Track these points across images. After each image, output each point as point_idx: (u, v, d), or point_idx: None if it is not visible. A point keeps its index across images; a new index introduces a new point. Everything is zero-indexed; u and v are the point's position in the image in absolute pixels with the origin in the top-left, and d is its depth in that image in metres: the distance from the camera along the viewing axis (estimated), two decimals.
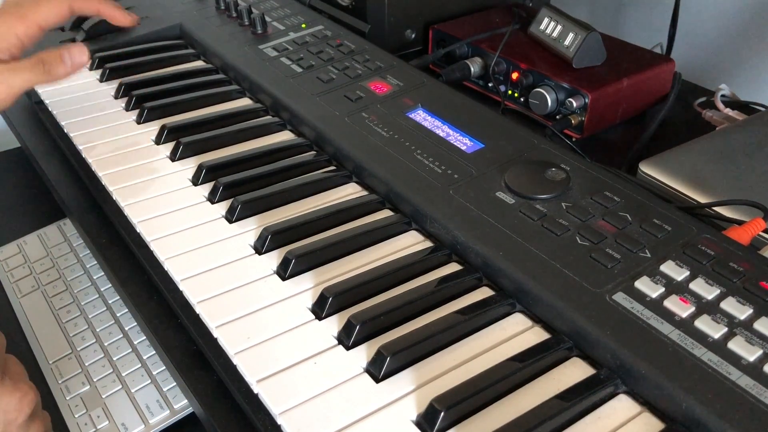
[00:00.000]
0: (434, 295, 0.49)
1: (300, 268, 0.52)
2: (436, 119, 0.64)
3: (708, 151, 0.67)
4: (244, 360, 0.45)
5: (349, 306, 0.49)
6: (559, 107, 0.75)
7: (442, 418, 0.39)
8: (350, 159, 0.62)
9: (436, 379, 0.43)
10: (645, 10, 1.08)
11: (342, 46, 0.79)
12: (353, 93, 0.69)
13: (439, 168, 0.58)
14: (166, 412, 0.61)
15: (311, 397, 0.42)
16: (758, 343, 0.41)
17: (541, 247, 0.49)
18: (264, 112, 0.74)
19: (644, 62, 0.79)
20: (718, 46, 1.00)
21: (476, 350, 0.45)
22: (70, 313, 0.72)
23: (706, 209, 0.59)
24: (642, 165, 0.65)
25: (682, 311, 0.43)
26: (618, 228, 0.50)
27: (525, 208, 0.53)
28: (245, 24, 0.86)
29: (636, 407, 0.42)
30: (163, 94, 0.75)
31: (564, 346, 0.45)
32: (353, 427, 0.40)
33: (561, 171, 0.55)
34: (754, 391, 0.39)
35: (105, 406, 0.62)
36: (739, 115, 0.77)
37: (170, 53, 0.84)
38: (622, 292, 0.45)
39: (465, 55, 0.85)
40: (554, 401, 0.41)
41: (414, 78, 0.72)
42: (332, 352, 0.45)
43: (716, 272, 0.46)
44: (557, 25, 0.79)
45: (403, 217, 0.57)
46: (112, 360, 0.67)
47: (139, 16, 0.90)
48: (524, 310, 0.48)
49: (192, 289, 0.50)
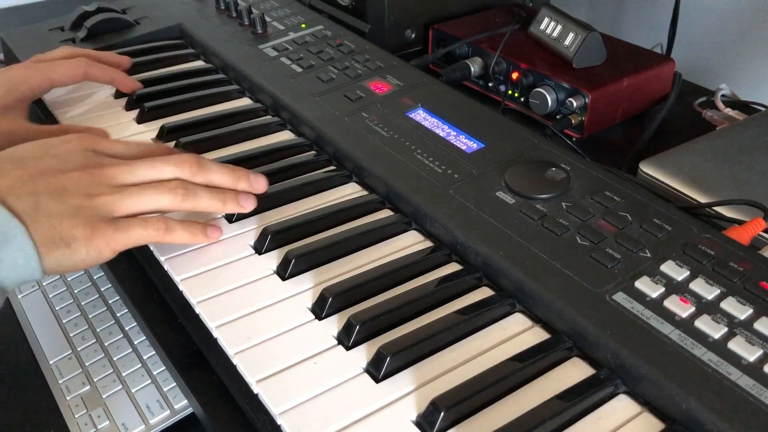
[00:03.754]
0: (434, 295, 0.49)
1: (300, 268, 0.52)
2: (436, 119, 0.64)
3: (708, 151, 0.66)
4: (244, 360, 0.45)
5: (349, 306, 0.49)
6: (559, 107, 0.75)
7: (442, 418, 0.39)
8: (350, 159, 0.62)
9: (436, 379, 0.43)
10: (645, 10, 1.08)
11: (342, 46, 0.79)
12: (353, 93, 0.69)
13: (439, 168, 0.58)
14: (166, 412, 0.61)
15: (311, 397, 0.42)
16: (758, 343, 0.41)
17: (541, 247, 0.49)
18: (264, 112, 0.74)
19: (644, 62, 0.79)
20: (718, 46, 1.00)
21: (476, 350, 0.45)
22: (70, 313, 0.72)
23: (706, 209, 0.59)
24: (642, 165, 0.65)
25: (682, 311, 0.43)
26: (618, 228, 0.50)
27: (525, 207, 0.53)
28: (245, 24, 0.86)
29: (636, 407, 0.42)
30: (163, 93, 0.75)
31: (564, 346, 0.45)
32: (353, 427, 0.40)
33: (561, 171, 0.55)
34: (754, 391, 0.39)
35: (105, 406, 0.62)
36: (739, 115, 0.77)
37: (170, 53, 0.84)
38: (622, 292, 0.45)
39: (465, 55, 0.85)
40: (554, 401, 0.41)
41: (414, 78, 0.72)
42: (332, 352, 0.45)
43: (716, 272, 0.46)
44: (557, 25, 0.79)
45: (403, 217, 0.57)
46: (113, 360, 0.67)
47: (139, 17, 0.90)
48: (524, 310, 0.48)
49: (192, 289, 0.50)
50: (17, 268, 0.44)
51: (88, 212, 0.47)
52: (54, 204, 0.46)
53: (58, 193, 0.47)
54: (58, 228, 0.45)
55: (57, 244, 0.45)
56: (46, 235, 0.45)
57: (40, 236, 0.45)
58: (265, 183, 0.57)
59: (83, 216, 0.46)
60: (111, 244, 0.47)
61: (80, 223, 0.46)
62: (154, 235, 0.50)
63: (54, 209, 0.46)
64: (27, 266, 0.44)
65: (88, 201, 0.47)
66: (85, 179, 0.48)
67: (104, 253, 0.47)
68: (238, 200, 0.55)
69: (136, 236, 0.49)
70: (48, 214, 0.45)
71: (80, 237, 0.46)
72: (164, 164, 0.52)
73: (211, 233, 0.54)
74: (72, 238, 0.46)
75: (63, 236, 0.45)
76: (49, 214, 0.45)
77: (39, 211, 0.45)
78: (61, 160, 0.49)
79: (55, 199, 0.46)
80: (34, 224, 0.45)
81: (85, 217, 0.47)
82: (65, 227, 0.46)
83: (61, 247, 0.45)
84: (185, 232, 0.52)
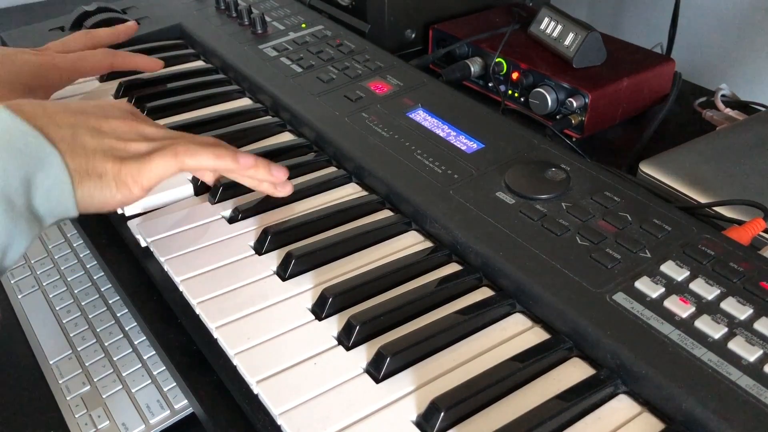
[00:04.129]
0: (434, 295, 0.49)
1: (300, 268, 0.52)
2: (436, 119, 0.64)
3: (708, 151, 0.67)
4: (244, 360, 0.45)
5: (349, 306, 0.49)
6: (559, 107, 0.75)
7: (442, 419, 0.39)
8: (350, 159, 0.62)
9: (436, 379, 0.43)
10: (645, 10, 1.08)
11: (342, 46, 0.79)
12: (353, 93, 0.69)
13: (439, 168, 0.58)
14: (166, 412, 0.61)
15: (311, 397, 0.42)
16: (758, 343, 0.41)
17: (541, 247, 0.49)
18: (264, 112, 0.74)
19: (644, 62, 0.79)
20: (718, 46, 1.00)
21: (476, 350, 0.45)
22: (70, 313, 0.72)
23: (706, 209, 0.59)
24: (642, 165, 0.65)
25: (682, 311, 0.43)
26: (618, 228, 0.50)
27: (525, 208, 0.53)
28: (245, 24, 0.86)
29: (636, 407, 0.42)
30: (163, 94, 0.75)
31: (564, 347, 0.45)
32: (353, 427, 0.40)
33: (561, 171, 0.55)
34: (754, 391, 0.39)
35: (105, 406, 0.62)
36: (739, 115, 0.77)
37: (170, 53, 0.84)
38: (622, 292, 0.45)
39: (465, 55, 0.85)
40: (554, 401, 0.41)
41: (414, 78, 0.72)
42: (332, 353, 0.45)
43: (716, 272, 0.46)
44: (557, 25, 0.79)
45: (403, 217, 0.57)
46: (113, 360, 0.67)
47: (139, 17, 0.90)
48: (524, 310, 0.48)
49: (192, 289, 0.50)
50: (51, 197, 0.45)
51: (120, 153, 0.49)
52: (90, 139, 0.48)
53: (95, 131, 0.49)
54: (92, 160, 0.47)
55: (90, 175, 0.47)
56: (80, 164, 0.46)
57: (75, 165, 0.46)
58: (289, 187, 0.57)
59: (114, 154, 0.48)
60: (138, 179, 0.49)
61: (110, 159, 0.48)
62: (174, 162, 0.50)
63: (89, 143, 0.48)
64: (61, 195, 0.45)
65: (121, 144, 0.49)
66: (122, 127, 0.50)
67: (133, 190, 0.49)
68: (271, 168, 0.55)
69: (159, 167, 0.50)
70: (84, 146, 0.47)
71: (110, 171, 0.48)
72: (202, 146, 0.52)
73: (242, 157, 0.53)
74: (103, 170, 0.47)
75: (95, 167, 0.47)
76: (85, 146, 0.47)
77: (75, 143, 0.47)
78: (102, 111, 0.51)
79: (92, 135, 0.48)
80: (71, 153, 0.46)
81: (116, 155, 0.48)
82: (98, 161, 0.47)
83: (93, 178, 0.47)
84: (209, 154, 0.52)
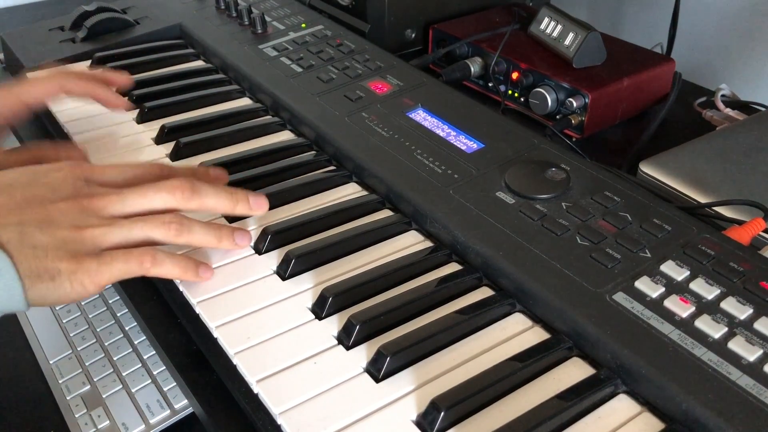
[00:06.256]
0: (434, 295, 0.49)
1: (300, 268, 0.52)
2: (436, 119, 0.64)
3: (708, 151, 0.66)
4: (244, 360, 0.45)
5: (349, 306, 0.49)
6: (559, 107, 0.75)
7: (442, 418, 0.39)
8: (350, 159, 0.62)
9: (436, 379, 0.43)
10: (645, 10, 1.08)
11: (342, 46, 0.79)
12: (353, 93, 0.69)
13: (439, 168, 0.58)
14: (166, 411, 0.61)
15: (311, 397, 0.42)
16: (758, 343, 0.41)
17: (541, 247, 0.49)
18: (264, 112, 0.74)
19: (644, 62, 0.78)
20: (718, 46, 1.00)
21: (476, 350, 0.45)
22: (70, 313, 0.73)
23: (706, 209, 0.59)
24: (642, 165, 0.65)
25: (682, 311, 0.43)
26: (618, 228, 0.50)
27: (525, 208, 0.53)
28: (245, 24, 0.86)
29: (636, 407, 0.42)
30: (163, 93, 0.75)
31: (564, 346, 0.45)
32: (353, 427, 0.40)
33: (561, 171, 0.55)
34: (754, 391, 0.39)
35: (105, 406, 0.62)
36: (739, 115, 0.77)
37: (170, 53, 0.84)
38: (622, 292, 0.45)
39: (465, 55, 0.85)
40: (554, 401, 0.41)
41: (414, 78, 0.72)
42: (332, 352, 0.45)
43: (716, 272, 0.46)
44: (557, 24, 0.79)
45: (403, 217, 0.57)
46: (113, 360, 0.67)
47: (139, 16, 0.90)
48: (524, 310, 0.48)
49: (192, 289, 0.50)
50: (0, 299, 0.42)
51: (74, 245, 0.45)
52: (40, 235, 0.44)
53: (45, 223, 0.45)
54: (43, 260, 0.44)
55: (41, 277, 0.43)
56: (30, 267, 0.43)
57: (25, 268, 0.43)
58: (266, 204, 0.54)
59: (69, 249, 0.45)
60: (95, 279, 0.45)
61: (65, 257, 0.44)
62: (138, 269, 0.47)
63: (40, 241, 0.44)
64: (11, 298, 0.42)
65: (75, 233, 0.45)
66: (74, 210, 0.47)
67: (89, 288, 0.45)
68: (234, 237, 0.52)
69: (120, 270, 0.46)
70: (33, 246, 0.44)
71: (64, 271, 0.44)
72: (156, 192, 0.49)
73: (203, 272, 0.50)
74: (56, 271, 0.44)
75: (48, 269, 0.44)
76: (35, 245, 0.44)
77: (24, 242, 0.44)
78: (51, 188, 0.47)
79: (42, 230, 0.45)
80: (19, 255, 0.43)
81: (70, 250, 0.45)
82: (50, 260, 0.44)
83: (45, 280, 0.44)
84: (174, 267, 0.49)
